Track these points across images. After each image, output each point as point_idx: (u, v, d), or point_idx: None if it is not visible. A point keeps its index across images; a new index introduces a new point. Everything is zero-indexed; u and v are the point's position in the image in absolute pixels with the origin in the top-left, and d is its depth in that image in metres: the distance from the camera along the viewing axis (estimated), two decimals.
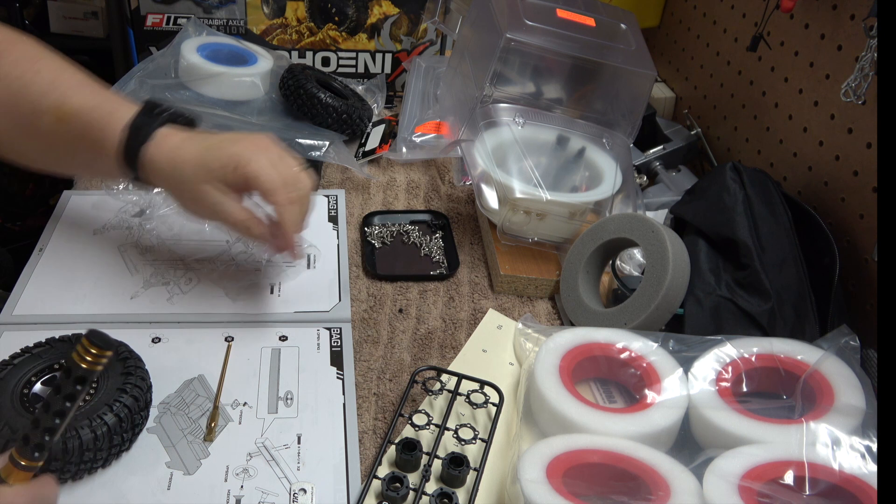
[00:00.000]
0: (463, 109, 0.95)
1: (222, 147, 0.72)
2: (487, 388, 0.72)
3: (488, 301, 0.86)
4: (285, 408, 0.69)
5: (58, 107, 0.74)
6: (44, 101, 0.74)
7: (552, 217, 0.87)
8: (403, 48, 1.23)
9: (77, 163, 0.82)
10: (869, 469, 0.59)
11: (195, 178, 0.72)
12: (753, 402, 0.68)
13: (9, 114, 0.75)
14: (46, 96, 0.74)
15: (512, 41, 0.89)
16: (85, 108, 0.74)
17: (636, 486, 0.60)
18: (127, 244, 0.87)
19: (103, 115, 0.74)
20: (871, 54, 0.77)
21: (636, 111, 0.97)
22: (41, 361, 0.66)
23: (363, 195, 1.02)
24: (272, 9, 1.18)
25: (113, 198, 0.93)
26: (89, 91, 0.75)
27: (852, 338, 0.71)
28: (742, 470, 0.59)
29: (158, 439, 0.66)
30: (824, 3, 0.87)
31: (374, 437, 0.69)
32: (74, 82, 0.76)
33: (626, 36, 0.98)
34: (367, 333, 0.80)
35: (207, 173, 0.72)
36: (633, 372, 0.72)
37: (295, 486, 0.62)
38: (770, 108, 0.99)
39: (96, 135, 0.74)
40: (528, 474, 0.59)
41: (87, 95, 0.75)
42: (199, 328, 0.77)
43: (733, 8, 1.07)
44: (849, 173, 0.84)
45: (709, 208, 0.84)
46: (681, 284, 0.76)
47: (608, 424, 0.65)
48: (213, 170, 0.72)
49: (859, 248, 0.82)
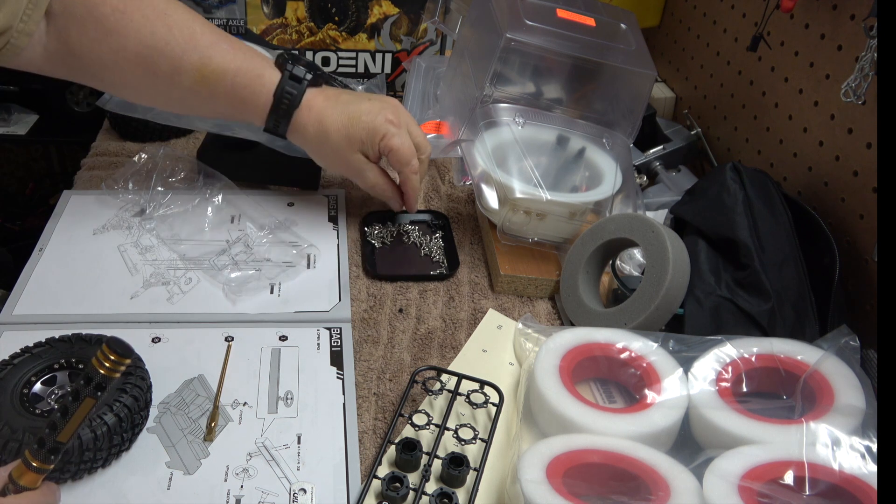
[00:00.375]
0: (463, 109, 0.95)
1: (363, 119, 0.83)
2: (487, 388, 0.72)
3: (488, 301, 0.86)
4: (285, 408, 0.69)
5: (199, 68, 0.78)
6: (184, 61, 0.77)
7: (552, 217, 0.87)
8: (403, 48, 1.23)
9: (216, 113, 0.86)
10: (869, 469, 0.59)
11: (340, 146, 0.84)
12: (753, 402, 0.68)
13: (147, 70, 0.78)
14: (186, 55, 0.77)
15: (512, 41, 0.89)
16: (228, 70, 0.79)
17: (636, 486, 0.60)
18: (127, 244, 0.87)
19: (250, 79, 0.80)
20: (871, 54, 0.77)
21: (636, 111, 0.97)
22: (41, 361, 0.66)
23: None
24: (272, 8, 1.18)
25: (113, 198, 0.93)
26: (228, 49, 0.80)
27: (852, 338, 0.71)
28: (742, 470, 0.59)
29: (158, 439, 0.66)
30: (824, 3, 0.87)
31: (374, 437, 0.69)
32: (210, 40, 0.79)
33: (626, 36, 0.98)
34: (367, 333, 0.80)
35: (351, 143, 0.84)
36: (633, 372, 0.72)
37: (295, 486, 0.62)
38: (770, 109, 0.99)
39: (242, 96, 0.81)
40: (528, 474, 0.59)
41: (228, 55, 0.79)
42: (199, 328, 0.77)
43: (733, 8, 1.07)
44: (849, 173, 0.84)
45: (709, 208, 0.84)
46: (681, 284, 0.76)
47: (608, 424, 0.65)
48: (357, 141, 0.84)
49: (859, 248, 0.82)
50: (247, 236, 0.89)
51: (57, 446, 0.54)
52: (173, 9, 0.79)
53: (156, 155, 0.98)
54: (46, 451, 0.53)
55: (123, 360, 0.53)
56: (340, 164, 0.88)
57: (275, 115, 0.82)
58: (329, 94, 0.85)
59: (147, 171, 0.96)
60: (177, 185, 0.95)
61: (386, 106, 0.86)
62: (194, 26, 0.79)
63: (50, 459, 0.54)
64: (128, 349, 0.53)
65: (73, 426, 0.53)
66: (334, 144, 0.85)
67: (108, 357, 0.52)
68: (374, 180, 0.89)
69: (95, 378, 0.52)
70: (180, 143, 1.11)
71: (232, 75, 0.79)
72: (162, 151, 0.98)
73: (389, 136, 0.84)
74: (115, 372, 0.53)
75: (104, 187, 0.94)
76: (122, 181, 0.94)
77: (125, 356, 0.53)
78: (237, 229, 0.90)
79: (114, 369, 0.53)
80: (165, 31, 0.77)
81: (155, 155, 0.98)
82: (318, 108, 0.83)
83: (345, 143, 0.85)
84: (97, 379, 0.52)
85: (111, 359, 0.52)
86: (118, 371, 0.53)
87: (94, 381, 0.52)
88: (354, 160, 0.87)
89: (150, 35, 0.76)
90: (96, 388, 0.53)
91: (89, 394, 0.53)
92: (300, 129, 0.84)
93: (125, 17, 0.75)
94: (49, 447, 0.53)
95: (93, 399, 0.53)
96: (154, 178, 0.95)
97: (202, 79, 0.79)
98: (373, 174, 0.88)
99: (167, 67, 0.78)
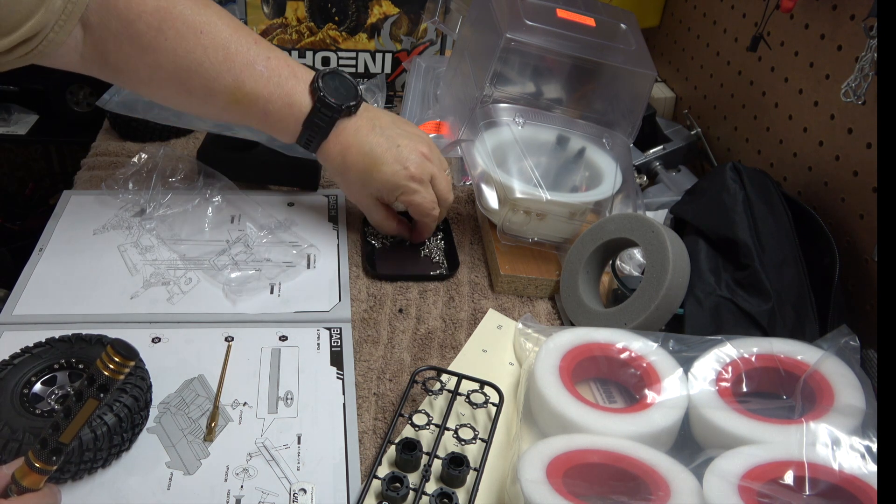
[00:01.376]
0: (463, 109, 0.95)
1: (383, 171, 0.83)
2: (487, 388, 0.72)
3: (488, 301, 0.86)
4: (285, 408, 0.69)
5: (232, 91, 0.79)
6: (217, 82, 0.78)
7: (552, 217, 0.87)
8: (403, 48, 1.23)
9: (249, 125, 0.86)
10: (869, 469, 0.59)
11: (355, 186, 0.86)
12: (753, 402, 0.68)
13: (182, 88, 0.79)
14: (220, 78, 0.78)
15: (512, 41, 0.89)
16: (261, 96, 0.80)
17: (636, 486, 0.60)
18: (127, 244, 0.87)
19: (280, 106, 0.81)
20: (871, 54, 0.77)
21: (636, 111, 0.97)
22: (41, 361, 0.66)
23: None
24: (272, 8, 1.18)
25: (113, 198, 0.93)
26: (262, 72, 0.79)
27: (852, 338, 0.71)
28: (742, 470, 0.59)
29: (158, 439, 0.66)
30: (824, 3, 0.87)
31: (374, 437, 0.69)
32: (245, 60, 0.79)
33: (626, 36, 0.98)
34: (367, 333, 0.80)
35: (366, 187, 0.85)
36: (633, 372, 0.72)
37: (295, 486, 0.62)
38: (770, 109, 0.99)
39: (273, 121, 0.82)
40: (528, 474, 0.59)
41: (261, 80, 0.79)
42: (199, 328, 0.77)
43: (733, 8, 1.07)
44: (849, 173, 0.84)
45: (709, 208, 0.84)
46: (681, 284, 0.76)
47: (608, 424, 0.65)
48: (373, 189, 0.85)
49: (859, 248, 0.82)
50: (247, 236, 0.89)
51: (59, 447, 0.54)
52: (210, 24, 0.78)
53: (156, 155, 0.98)
54: (49, 451, 0.53)
55: (128, 363, 0.53)
56: (352, 196, 0.90)
57: (303, 140, 0.84)
58: (361, 125, 0.84)
59: (147, 171, 0.96)
60: (177, 185, 0.95)
61: (412, 155, 0.84)
62: (229, 45, 0.78)
63: (52, 460, 0.54)
64: (133, 351, 0.53)
65: (76, 427, 0.53)
66: (351, 181, 0.86)
67: (113, 359, 0.52)
68: (380, 222, 0.90)
69: (99, 379, 0.52)
70: (180, 143, 1.11)
71: (264, 101, 0.80)
72: (162, 151, 0.98)
73: (409, 192, 0.84)
74: (120, 374, 0.53)
75: (104, 187, 0.94)
76: (122, 181, 0.94)
77: (130, 358, 0.53)
78: (237, 229, 0.90)
79: (118, 371, 0.53)
80: (200, 52, 0.77)
81: (155, 155, 0.98)
82: (343, 143, 0.84)
83: (359, 185, 0.86)
84: (101, 380, 0.52)
85: (116, 360, 0.52)
86: (122, 373, 0.53)
87: (97, 383, 0.52)
88: (365, 202, 0.88)
89: (184, 55, 0.76)
90: (99, 389, 0.53)
91: (92, 395, 0.53)
92: (325, 155, 0.85)
93: (160, 34, 0.75)
94: (51, 448, 0.53)
95: (96, 400, 0.53)
96: (154, 178, 0.95)
97: (235, 101, 0.79)
98: (379, 216, 0.89)
99: (201, 88, 0.78)
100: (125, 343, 0.53)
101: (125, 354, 0.53)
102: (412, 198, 0.85)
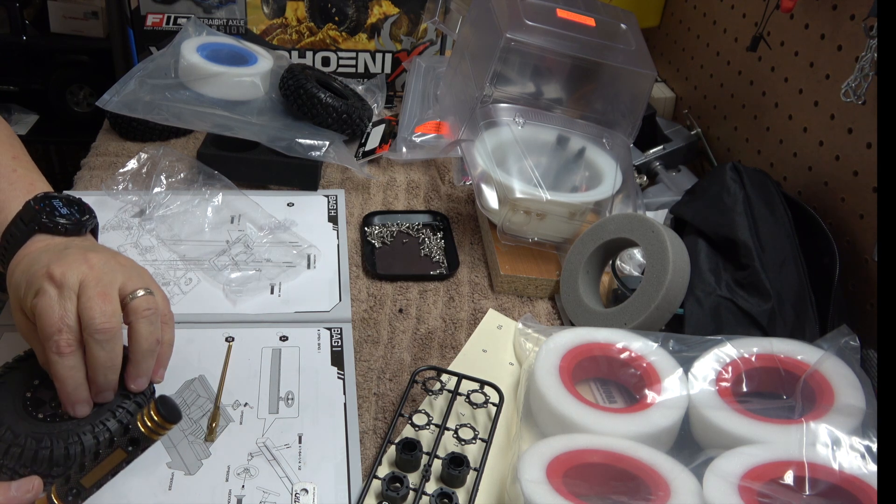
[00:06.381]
0: (463, 109, 0.95)
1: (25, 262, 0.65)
2: (487, 388, 0.72)
3: (488, 301, 0.86)
4: (286, 408, 0.69)
5: None
6: None
7: (552, 217, 0.87)
8: (403, 48, 1.23)
9: None
10: (869, 469, 0.59)
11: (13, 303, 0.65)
12: (753, 402, 0.68)
13: None
14: None
15: (512, 41, 0.89)
16: None
17: (636, 486, 0.60)
18: (127, 244, 0.87)
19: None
20: (871, 54, 0.77)
21: (636, 111, 0.97)
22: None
23: (363, 195, 1.02)
24: (272, 9, 1.18)
25: (113, 198, 0.93)
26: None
27: (852, 338, 0.71)
28: (742, 470, 0.59)
29: (159, 440, 0.65)
30: (824, 3, 0.87)
31: (375, 437, 0.69)
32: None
33: (626, 36, 0.98)
34: (367, 333, 0.80)
35: (12, 287, 0.65)
36: (633, 372, 0.72)
37: (297, 485, 0.62)
38: (770, 109, 0.99)
39: None
40: (528, 474, 0.59)
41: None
42: (199, 328, 0.77)
43: (733, 8, 1.07)
44: (849, 173, 0.84)
45: (709, 208, 0.84)
46: (681, 284, 0.76)
47: (608, 424, 0.66)
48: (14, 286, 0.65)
49: (859, 248, 0.82)
50: (247, 237, 0.89)
51: (79, 489, 0.54)
52: None
53: (156, 155, 0.98)
54: (68, 489, 0.54)
55: (167, 425, 0.53)
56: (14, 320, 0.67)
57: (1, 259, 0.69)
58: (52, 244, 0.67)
59: (147, 171, 0.96)
60: (177, 185, 0.95)
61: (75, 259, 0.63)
62: None
63: (68, 500, 0.54)
64: (176, 414, 0.53)
65: (100, 473, 0.54)
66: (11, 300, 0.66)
67: (154, 417, 0.53)
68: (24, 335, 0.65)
69: (134, 432, 0.52)
70: (180, 143, 1.11)
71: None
72: (162, 151, 0.98)
73: (39, 293, 0.61)
74: (156, 434, 0.54)
75: (104, 187, 0.94)
76: (122, 181, 0.95)
77: (171, 421, 0.53)
78: (237, 230, 0.90)
79: (155, 431, 0.53)
80: None
81: (155, 155, 0.98)
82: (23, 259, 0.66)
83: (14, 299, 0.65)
84: (135, 433, 0.53)
85: (155, 420, 0.53)
86: (159, 434, 0.54)
87: (130, 434, 0.52)
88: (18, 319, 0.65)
89: None
90: (130, 442, 0.53)
91: (121, 445, 0.53)
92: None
93: None
94: (72, 485, 0.54)
95: (124, 452, 0.53)
96: (154, 178, 0.95)
97: None
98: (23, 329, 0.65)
99: None
100: (172, 403, 0.53)
101: (166, 416, 0.53)
102: (36, 301, 0.61)
